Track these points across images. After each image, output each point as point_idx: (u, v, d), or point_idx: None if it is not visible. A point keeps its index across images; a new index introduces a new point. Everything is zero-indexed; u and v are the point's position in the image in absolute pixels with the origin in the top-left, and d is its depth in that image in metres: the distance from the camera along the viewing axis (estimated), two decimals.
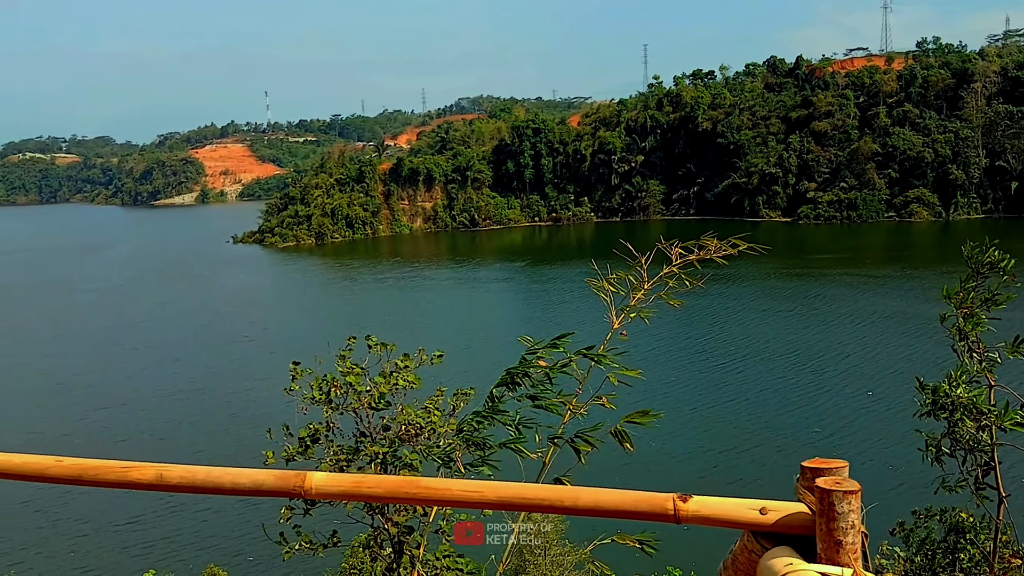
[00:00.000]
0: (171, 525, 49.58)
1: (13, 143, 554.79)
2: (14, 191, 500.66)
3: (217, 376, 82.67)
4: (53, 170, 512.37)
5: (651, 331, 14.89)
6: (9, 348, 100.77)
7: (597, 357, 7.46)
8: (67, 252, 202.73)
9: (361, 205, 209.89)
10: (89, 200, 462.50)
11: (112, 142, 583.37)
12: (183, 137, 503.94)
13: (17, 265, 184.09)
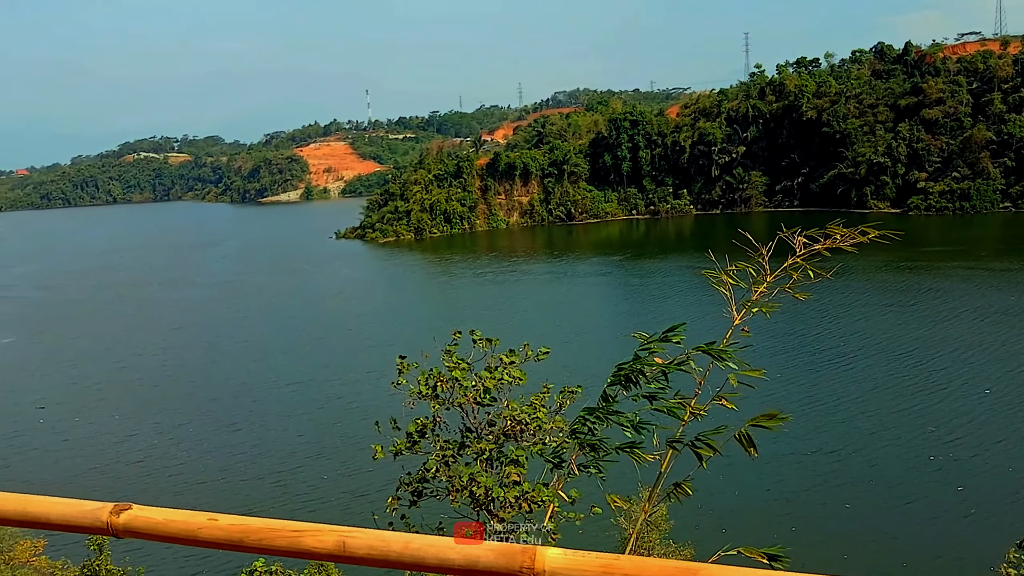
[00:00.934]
0: (284, 516, 50.73)
1: (129, 143, 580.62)
2: (130, 189, 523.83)
3: (324, 368, 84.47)
4: (166, 169, 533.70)
5: (755, 327, 14.43)
6: (135, 339, 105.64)
7: (718, 354, 7.17)
8: (181, 248, 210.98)
9: (459, 200, 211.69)
10: (200, 198, 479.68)
11: (221, 141, 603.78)
12: (288, 136, 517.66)
13: (137, 261, 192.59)
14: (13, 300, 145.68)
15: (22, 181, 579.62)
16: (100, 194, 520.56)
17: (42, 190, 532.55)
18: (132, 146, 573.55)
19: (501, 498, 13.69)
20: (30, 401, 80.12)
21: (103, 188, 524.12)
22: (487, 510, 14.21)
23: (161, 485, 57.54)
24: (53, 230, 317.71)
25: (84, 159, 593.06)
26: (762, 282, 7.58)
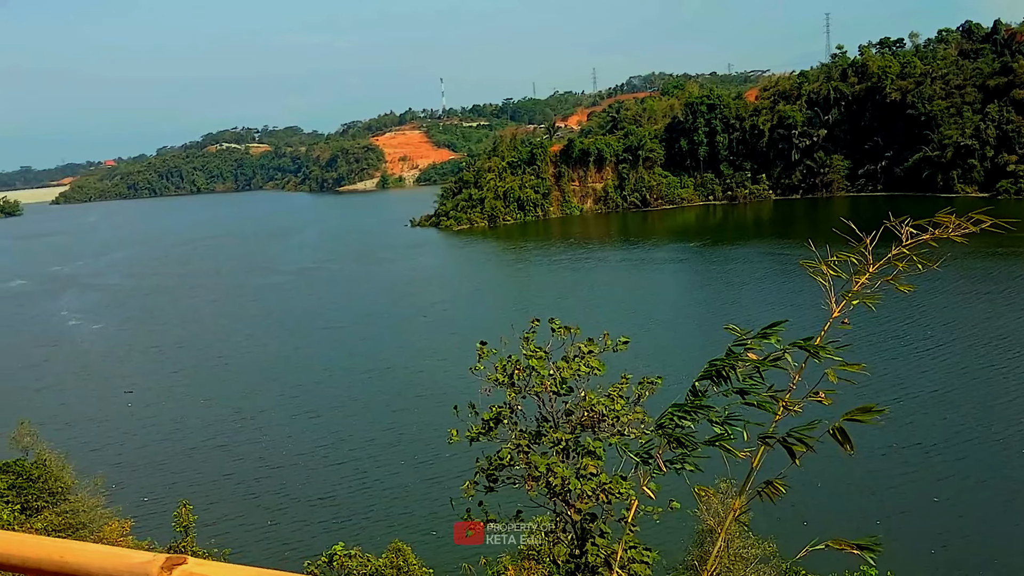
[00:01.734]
0: (363, 502, 51.59)
1: (211, 134, 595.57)
2: (213, 179, 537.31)
3: (401, 356, 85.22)
4: (247, 159, 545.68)
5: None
6: (219, 326, 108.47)
7: (815, 350, 6.86)
8: (262, 237, 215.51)
9: (532, 187, 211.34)
10: (280, 187, 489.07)
11: (300, 132, 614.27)
12: (364, 125, 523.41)
13: (220, 250, 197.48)
14: (103, 287, 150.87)
15: (110, 172, 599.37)
16: (184, 184, 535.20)
17: (129, 180, 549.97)
18: (215, 137, 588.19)
19: (578, 489, 13.53)
20: (119, 386, 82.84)
21: (187, 178, 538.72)
22: (564, 500, 14.06)
23: (245, 469, 58.85)
24: (140, 219, 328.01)
25: (169, 150, 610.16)
26: (864, 272, 7.23)
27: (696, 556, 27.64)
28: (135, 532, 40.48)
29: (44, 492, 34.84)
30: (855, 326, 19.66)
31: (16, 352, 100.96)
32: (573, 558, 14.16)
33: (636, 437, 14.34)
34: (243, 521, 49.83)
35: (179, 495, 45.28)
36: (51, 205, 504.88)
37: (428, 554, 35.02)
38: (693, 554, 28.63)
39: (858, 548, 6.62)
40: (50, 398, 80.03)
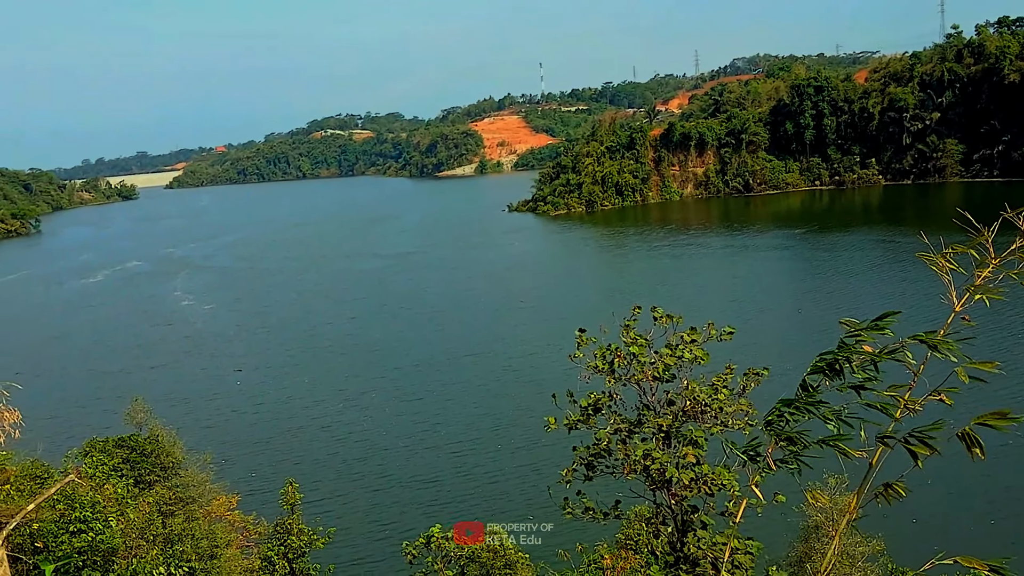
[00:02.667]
0: (463, 485, 52.12)
1: (316, 121, 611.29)
2: (318, 165, 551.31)
3: (500, 341, 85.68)
4: (350, 145, 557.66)
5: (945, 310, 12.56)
6: (323, 308, 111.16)
7: (938, 343, 6.43)
8: (365, 222, 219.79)
9: (631, 172, 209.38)
10: (381, 172, 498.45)
11: (401, 118, 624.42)
12: (464, 111, 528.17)
13: (324, 234, 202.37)
14: (214, 269, 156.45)
15: (221, 157, 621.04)
16: (291, 169, 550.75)
17: (239, 166, 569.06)
18: (319, 124, 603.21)
19: (676, 478, 13.30)
20: (228, 365, 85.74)
21: (293, 164, 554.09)
22: (664, 489, 13.83)
23: (348, 450, 60.02)
24: (248, 204, 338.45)
25: (276, 136, 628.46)
26: (986, 265, 6.77)
27: (801, 551, 26.94)
28: (241, 507, 41.83)
29: (156, 467, 36.25)
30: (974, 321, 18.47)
31: (133, 331, 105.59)
32: (673, 549, 13.94)
33: (740, 428, 14.06)
34: (346, 501, 50.94)
35: (285, 473, 46.57)
36: (165, 189, 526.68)
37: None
38: (798, 549, 27.90)
39: (989, 568, 6.20)
40: (163, 376, 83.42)
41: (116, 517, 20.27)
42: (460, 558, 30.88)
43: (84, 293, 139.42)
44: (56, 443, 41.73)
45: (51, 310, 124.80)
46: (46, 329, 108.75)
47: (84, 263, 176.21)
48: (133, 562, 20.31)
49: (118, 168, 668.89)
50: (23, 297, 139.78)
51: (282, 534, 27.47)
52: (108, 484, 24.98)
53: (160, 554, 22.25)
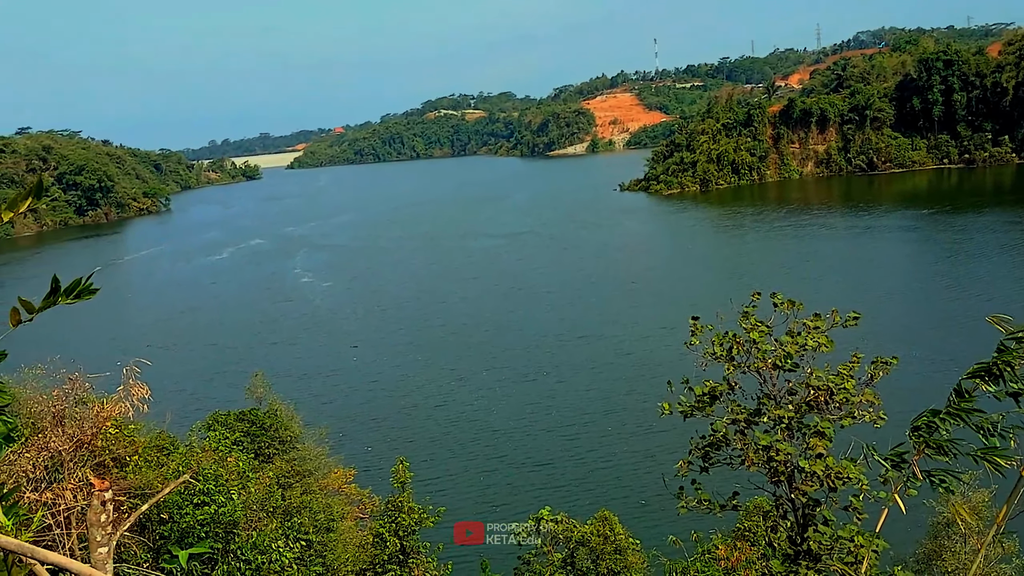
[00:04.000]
0: (572, 469, 51.87)
1: (430, 101, 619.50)
2: (431, 145, 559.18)
3: (612, 323, 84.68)
4: (463, 125, 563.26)
5: None
6: (436, 287, 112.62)
7: None
8: (476, 201, 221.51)
9: (748, 150, 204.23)
10: (493, 152, 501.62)
11: (513, 97, 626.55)
12: (576, 89, 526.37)
13: (437, 213, 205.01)
14: (332, 248, 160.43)
15: (339, 138, 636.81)
16: (405, 150, 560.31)
17: (355, 147, 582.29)
18: (433, 104, 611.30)
19: (808, 469, 12.76)
20: (345, 342, 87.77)
21: (408, 144, 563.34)
22: (787, 482, 13.29)
23: (460, 430, 60.36)
24: (364, 184, 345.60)
25: (392, 117, 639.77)
26: None
27: (929, 549, 25.63)
28: (356, 481, 42.77)
29: (275, 440, 37.30)
30: None
31: (255, 307, 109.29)
32: (793, 544, 13.45)
33: (872, 421, 13.44)
34: (457, 480, 51.36)
35: (397, 451, 47.29)
36: (286, 169, 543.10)
37: (635, 524, 34.74)
38: (926, 547, 26.57)
39: None
40: (283, 351, 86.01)
41: (238, 490, 20.88)
42: (569, 541, 30.77)
43: (210, 269, 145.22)
44: (182, 415, 43.56)
45: (180, 285, 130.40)
46: (175, 304, 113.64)
47: (210, 240, 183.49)
48: (253, 534, 20.90)
49: (242, 149, 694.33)
50: (155, 272, 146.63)
51: (393, 511, 27.84)
52: (231, 457, 25.79)
53: (279, 526, 22.86)
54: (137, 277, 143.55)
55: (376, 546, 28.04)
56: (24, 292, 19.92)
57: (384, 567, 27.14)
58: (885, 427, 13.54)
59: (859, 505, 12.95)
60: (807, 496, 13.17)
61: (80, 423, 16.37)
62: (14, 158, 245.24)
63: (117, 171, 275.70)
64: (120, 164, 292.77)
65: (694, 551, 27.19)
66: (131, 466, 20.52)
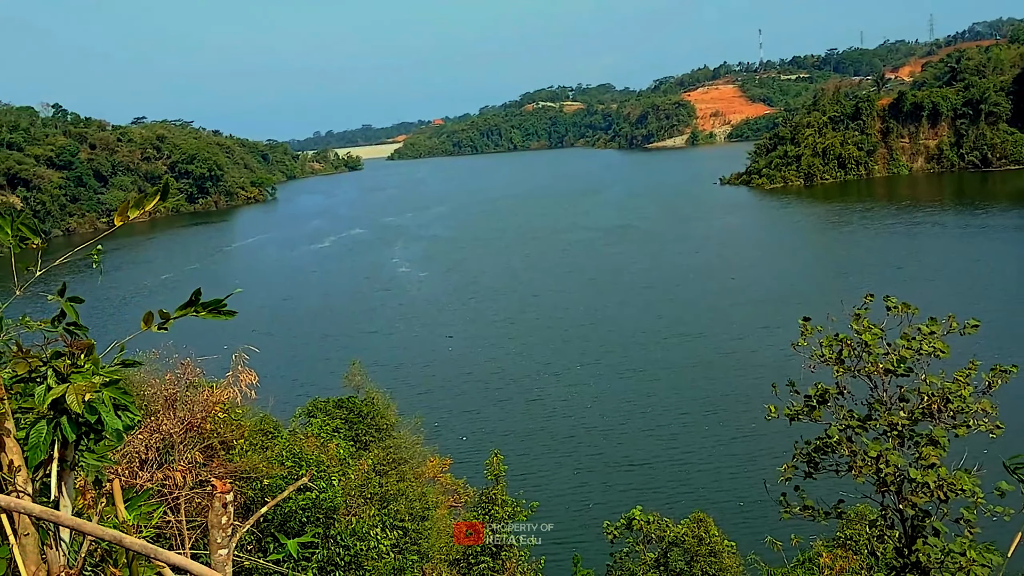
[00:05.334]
0: (668, 469, 51.12)
1: (528, 94, 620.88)
2: (528, 137, 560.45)
3: (713, 321, 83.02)
4: (561, 117, 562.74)
5: None
6: (532, 280, 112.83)
7: None
8: (572, 194, 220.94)
9: (855, 144, 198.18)
10: (590, 144, 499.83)
11: (612, 89, 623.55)
12: (677, 81, 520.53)
13: (532, 205, 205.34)
14: (429, 238, 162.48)
15: (438, 130, 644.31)
16: (502, 142, 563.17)
17: (454, 138, 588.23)
18: (532, 96, 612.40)
19: (919, 480, 12.34)
20: (441, 332, 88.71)
21: (505, 136, 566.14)
22: (896, 493, 12.91)
23: (554, 426, 60.00)
24: (461, 176, 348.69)
25: (490, 109, 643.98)
26: None
27: None
28: (451, 471, 43.22)
29: (372, 428, 37.96)
30: None
31: (354, 296, 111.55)
32: (900, 555, 13.03)
33: (987, 431, 13.00)
34: (550, 476, 51.17)
35: (491, 443, 47.41)
36: (386, 160, 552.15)
37: (731, 528, 34.12)
38: None
39: None
40: (380, 340, 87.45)
41: (338, 476, 21.35)
42: (662, 542, 30.46)
43: (313, 258, 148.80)
44: (284, 400, 44.70)
45: (284, 273, 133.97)
46: (279, 291, 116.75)
47: (313, 229, 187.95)
48: (352, 520, 21.32)
49: (345, 140, 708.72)
50: (261, 260, 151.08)
51: (487, 504, 28.03)
52: (331, 444, 26.36)
53: (376, 513, 23.28)
54: (244, 264, 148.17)
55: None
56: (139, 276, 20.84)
57: (477, 558, 27.35)
58: (1000, 438, 13.02)
59: (971, 518, 12.50)
60: (916, 507, 12.80)
61: (190, 407, 17.01)
62: (130, 147, 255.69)
63: (226, 160, 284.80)
64: (229, 154, 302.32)
65: (793, 557, 26.58)
66: (237, 449, 21.16)
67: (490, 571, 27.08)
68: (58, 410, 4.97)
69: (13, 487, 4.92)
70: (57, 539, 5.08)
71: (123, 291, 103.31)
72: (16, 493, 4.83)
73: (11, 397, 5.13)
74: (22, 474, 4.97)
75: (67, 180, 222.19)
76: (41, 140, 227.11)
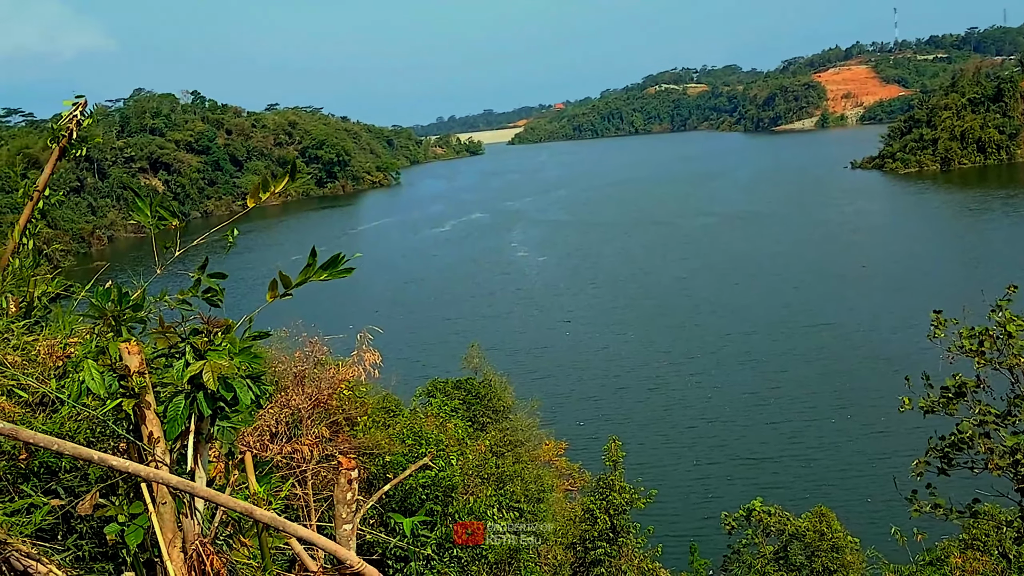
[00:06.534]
0: (791, 463, 49.88)
1: (651, 76, 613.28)
2: (650, 120, 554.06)
3: (840, 310, 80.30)
4: (684, 100, 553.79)
5: None
6: (653, 265, 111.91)
7: None
8: (695, 178, 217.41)
9: (997, 127, 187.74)
10: (714, 127, 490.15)
11: (738, 70, 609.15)
12: (806, 61, 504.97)
13: (653, 190, 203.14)
14: (547, 223, 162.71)
15: (559, 114, 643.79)
16: (624, 125, 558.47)
17: (574, 122, 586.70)
18: (654, 79, 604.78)
19: None
20: (557, 318, 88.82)
21: (626, 119, 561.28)
22: None
23: (675, 416, 59.37)
24: (581, 160, 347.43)
25: (612, 93, 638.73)
26: None
27: None
28: (566, 455, 43.36)
29: (489, 409, 38.52)
30: None
31: (473, 279, 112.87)
32: None
33: None
34: (669, 466, 50.48)
35: (609, 430, 47.06)
36: (507, 145, 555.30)
37: (855, 524, 33.03)
38: None
39: None
40: (497, 324, 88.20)
41: (456, 456, 21.69)
42: (782, 535, 29.78)
43: (434, 241, 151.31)
44: (404, 379, 45.76)
45: (405, 256, 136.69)
46: (401, 274, 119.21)
47: (435, 213, 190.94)
48: (470, 500, 21.64)
49: (467, 125, 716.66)
50: (385, 243, 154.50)
51: (604, 489, 28.01)
52: (450, 424, 26.82)
53: (493, 494, 23.55)
54: (368, 247, 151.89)
55: (586, 522, 28.33)
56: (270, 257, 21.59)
57: (594, 543, 27.39)
58: None
59: None
60: None
61: (318, 383, 17.56)
62: (263, 132, 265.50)
63: (353, 146, 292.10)
64: (356, 139, 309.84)
65: (918, 555, 25.55)
66: (360, 426, 21.76)
67: (606, 556, 27.09)
68: (195, 385, 5.18)
69: (152, 458, 5.17)
70: (192, 509, 5.32)
71: (256, 271, 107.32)
72: (155, 464, 5.07)
73: (152, 371, 5.39)
74: (161, 445, 5.22)
75: (205, 164, 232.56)
76: (181, 126, 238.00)
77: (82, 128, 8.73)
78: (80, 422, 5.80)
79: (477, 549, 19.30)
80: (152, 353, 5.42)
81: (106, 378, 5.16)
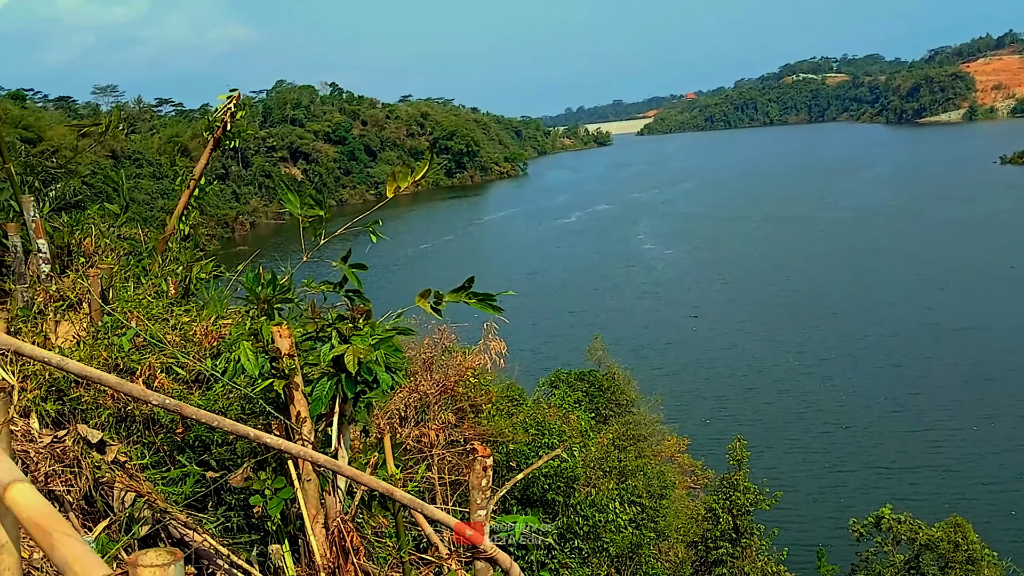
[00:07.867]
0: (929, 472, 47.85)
1: (788, 65, 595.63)
2: (786, 111, 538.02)
3: (988, 315, 76.00)
4: (823, 90, 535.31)
5: None
6: (782, 261, 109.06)
7: None
8: (831, 172, 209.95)
9: None
10: (854, 119, 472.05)
11: (881, 60, 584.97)
12: (954, 51, 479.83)
13: (788, 184, 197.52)
14: (675, 215, 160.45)
15: (690, 104, 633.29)
16: (758, 116, 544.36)
17: (706, 113, 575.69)
18: (792, 68, 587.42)
19: None
20: (684, 312, 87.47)
21: (761, 110, 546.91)
22: None
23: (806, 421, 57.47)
24: (713, 150, 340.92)
25: (746, 82, 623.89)
26: None
27: None
28: (689, 452, 42.73)
29: (611, 403, 38.39)
30: None
31: (598, 271, 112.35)
32: None
33: None
34: (797, 470, 48.90)
35: (735, 430, 45.95)
36: (636, 136, 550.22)
37: (995, 539, 31.38)
38: None
39: None
40: (621, 317, 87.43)
41: (579, 447, 21.77)
42: (914, 544, 28.62)
43: (559, 232, 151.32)
44: (528, 370, 46.03)
45: (530, 247, 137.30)
46: (526, 265, 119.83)
47: (560, 204, 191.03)
48: (592, 491, 21.70)
49: (596, 116, 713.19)
50: (511, 233, 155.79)
51: (728, 489, 27.56)
52: (572, 415, 26.90)
53: (615, 487, 23.53)
54: (494, 237, 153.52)
55: (709, 520, 27.96)
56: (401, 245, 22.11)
57: (716, 543, 27.01)
58: None
59: None
60: None
61: (445, 370, 17.94)
62: (397, 123, 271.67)
63: (482, 137, 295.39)
64: (485, 130, 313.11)
65: None
66: (485, 413, 22.09)
67: (729, 556, 26.66)
68: (339, 368, 5.43)
69: (299, 436, 5.44)
70: (334, 486, 5.58)
71: (387, 259, 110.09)
72: (302, 442, 5.34)
73: (299, 354, 5.67)
74: (307, 425, 5.49)
75: (341, 154, 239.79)
76: (319, 117, 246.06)
77: (235, 121, 9.20)
78: (231, 400, 6.15)
79: (598, 542, 19.34)
80: (300, 336, 5.69)
81: (259, 359, 5.47)
